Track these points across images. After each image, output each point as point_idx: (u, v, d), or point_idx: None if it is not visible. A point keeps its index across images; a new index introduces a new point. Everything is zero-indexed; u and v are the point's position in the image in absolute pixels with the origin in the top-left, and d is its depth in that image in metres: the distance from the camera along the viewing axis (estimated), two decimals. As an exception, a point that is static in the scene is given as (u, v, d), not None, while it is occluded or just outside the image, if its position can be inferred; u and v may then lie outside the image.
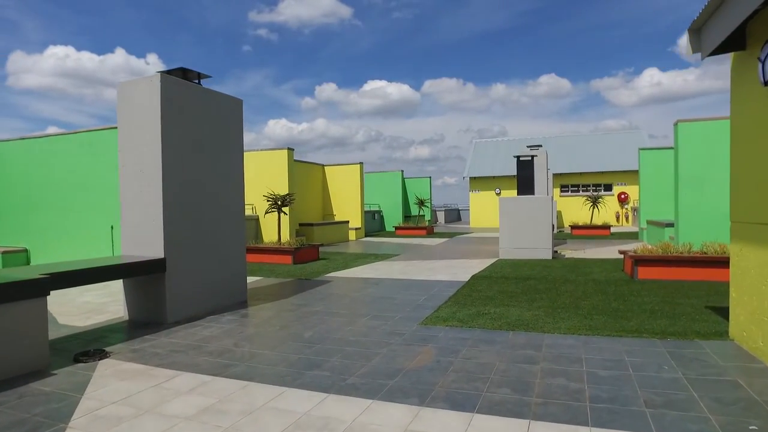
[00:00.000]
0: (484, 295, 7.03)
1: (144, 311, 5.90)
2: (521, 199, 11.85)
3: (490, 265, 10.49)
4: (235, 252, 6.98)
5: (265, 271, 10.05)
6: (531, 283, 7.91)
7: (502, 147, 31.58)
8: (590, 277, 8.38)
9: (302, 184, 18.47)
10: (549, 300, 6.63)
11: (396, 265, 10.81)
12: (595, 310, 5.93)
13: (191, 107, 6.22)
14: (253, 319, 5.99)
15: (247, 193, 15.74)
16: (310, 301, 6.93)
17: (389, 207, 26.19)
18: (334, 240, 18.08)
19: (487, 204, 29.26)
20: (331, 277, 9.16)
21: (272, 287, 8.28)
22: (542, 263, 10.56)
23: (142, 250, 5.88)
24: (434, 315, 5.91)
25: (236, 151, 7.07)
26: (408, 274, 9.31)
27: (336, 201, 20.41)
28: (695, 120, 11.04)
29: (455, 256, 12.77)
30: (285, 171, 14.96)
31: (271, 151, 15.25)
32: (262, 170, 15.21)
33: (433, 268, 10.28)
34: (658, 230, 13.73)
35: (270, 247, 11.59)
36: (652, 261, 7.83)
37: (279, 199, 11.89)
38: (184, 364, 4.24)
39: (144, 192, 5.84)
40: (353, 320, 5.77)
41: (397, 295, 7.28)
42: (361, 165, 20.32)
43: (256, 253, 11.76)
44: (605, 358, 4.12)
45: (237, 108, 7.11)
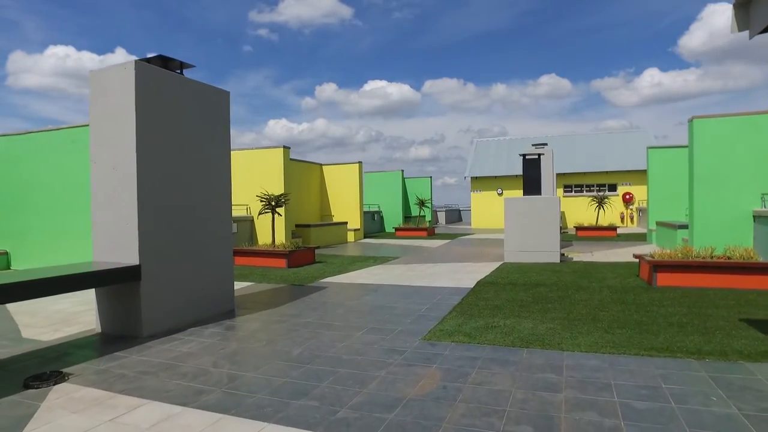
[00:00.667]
0: (492, 305, 6.46)
1: (117, 323, 5.34)
2: (527, 199, 11.29)
3: (496, 269, 9.93)
4: (221, 257, 6.42)
5: (257, 276, 9.48)
6: (542, 291, 7.34)
7: (503, 146, 31.02)
8: (605, 284, 7.81)
9: (299, 183, 17.91)
10: (563, 310, 6.06)
11: (396, 270, 10.25)
12: (615, 323, 5.36)
13: (171, 98, 5.65)
14: (238, 331, 5.42)
15: (241, 193, 15.23)
16: (302, 311, 6.37)
17: (389, 207, 25.63)
18: (332, 242, 17.51)
19: (489, 204, 28.71)
20: (327, 283, 8.59)
21: (263, 294, 7.71)
22: (551, 267, 9.99)
23: (115, 256, 5.31)
24: (438, 328, 5.34)
25: (222, 146, 6.51)
26: (408, 280, 8.73)
27: (334, 201, 19.84)
28: (711, 116, 10.47)
29: (458, 259, 12.20)
30: (280, 170, 14.40)
31: (266, 150, 14.68)
32: (256, 169, 14.64)
33: (435, 272, 9.71)
34: (669, 232, 13.17)
35: (263, 249, 11.02)
36: (673, 267, 7.27)
37: (273, 200, 11.33)
38: (152, 389, 3.67)
39: (117, 191, 5.28)
40: (348, 334, 5.20)
41: (397, 303, 6.71)
42: (360, 164, 19.75)
43: (249, 256, 11.19)
44: (638, 385, 3.55)
45: (223, 100, 6.55)
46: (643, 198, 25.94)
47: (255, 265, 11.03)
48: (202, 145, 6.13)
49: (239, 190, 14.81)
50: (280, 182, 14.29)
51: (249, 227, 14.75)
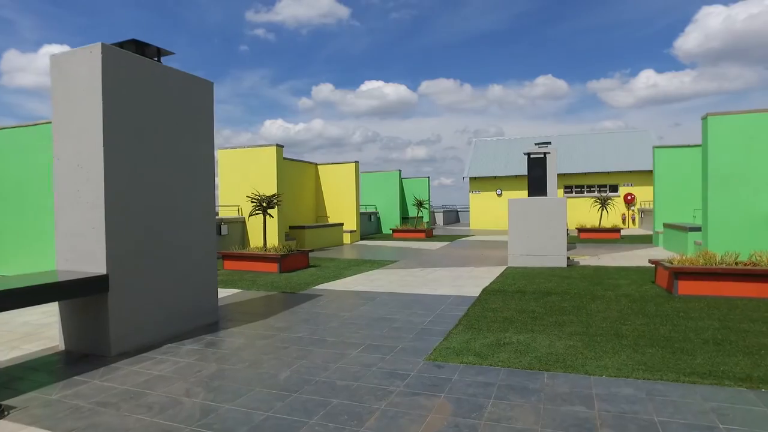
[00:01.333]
0: (501, 317, 5.88)
1: (83, 341, 4.73)
2: (533, 200, 10.73)
3: (500, 275, 9.36)
4: (203, 264, 5.82)
5: (246, 282, 8.87)
6: (554, 300, 6.77)
7: (502, 146, 30.49)
8: (620, 292, 7.25)
9: (293, 184, 17.31)
10: (581, 323, 5.49)
11: (394, 275, 9.66)
12: (642, 339, 4.79)
13: (145, 87, 5.05)
14: (220, 349, 4.82)
15: (233, 193, 14.62)
16: (293, 324, 5.77)
17: (386, 208, 25.04)
18: (327, 244, 16.91)
19: (488, 205, 28.18)
20: (321, 290, 7.99)
21: (251, 303, 7.11)
22: (558, 273, 9.43)
23: (79, 264, 4.71)
24: (444, 345, 4.75)
25: (205, 141, 5.91)
26: (408, 287, 8.15)
27: (330, 202, 19.25)
28: (727, 113, 9.94)
29: (459, 263, 11.63)
30: (273, 170, 13.79)
31: (258, 149, 14.07)
32: (249, 169, 14.03)
33: (436, 278, 9.13)
34: (679, 235, 12.63)
35: (254, 253, 10.42)
36: (695, 274, 6.71)
37: (264, 200, 10.73)
38: (108, 428, 3.07)
39: (82, 191, 4.67)
40: (343, 352, 4.62)
41: (397, 315, 6.12)
42: (356, 164, 19.16)
43: (239, 260, 10.58)
44: (689, 423, 2.98)
45: (206, 92, 5.95)
46: (645, 199, 25.46)
47: (245, 270, 10.42)
48: (182, 139, 5.53)
49: (231, 191, 14.22)
50: (273, 182, 13.68)
51: (240, 229, 14.14)
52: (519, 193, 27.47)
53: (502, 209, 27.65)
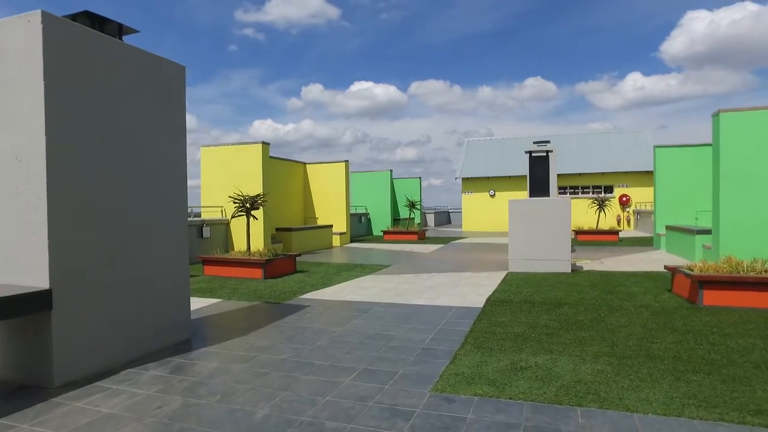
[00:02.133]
0: (513, 333, 5.20)
1: (21, 368, 3.96)
2: (535, 201, 10.09)
3: (502, 281, 8.69)
4: (172, 274, 5.06)
5: (226, 290, 8.11)
6: (567, 313, 6.11)
7: (495, 146, 29.95)
8: (638, 302, 6.61)
9: (280, 183, 16.53)
10: (603, 340, 4.83)
11: (388, 281, 8.95)
12: (680, 362, 4.14)
13: (102, 69, 4.29)
14: (188, 375, 4.08)
15: (216, 193, 13.79)
16: (276, 342, 5.04)
17: (377, 209, 24.33)
18: (316, 247, 16.16)
19: (481, 206, 27.61)
20: (308, 300, 7.26)
21: (230, 316, 6.36)
22: (564, 279, 8.79)
23: (17, 277, 3.94)
24: (451, 371, 4.06)
25: (175, 133, 5.16)
26: (404, 296, 7.44)
27: (318, 203, 18.49)
28: (740, 110, 9.40)
29: (457, 267, 10.96)
30: (259, 168, 13.02)
31: (242, 146, 13.29)
32: (233, 167, 13.24)
33: (434, 285, 8.43)
34: (685, 238, 12.09)
35: (236, 258, 9.64)
36: (723, 283, 6.09)
37: (247, 201, 9.96)
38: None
39: (21, 190, 3.90)
40: (333, 380, 3.90)
41: (394, 331, 5.42)
42: (346, 163, 18.44)
43: (220, 265, 9.80)
44: (781, 489, 2.31)
45: (177, 77, 5.20)
46: (640, 200, 25.06)
47: (227, 276, 9.65)
48: (148, 132, 4.78)
49: (214, 190, 13.41)
50: (259, 181, 12.90)
51: (224, 232, 13.34)
52: (512, 194, 26.92)
53: (496, 210, 27.12)
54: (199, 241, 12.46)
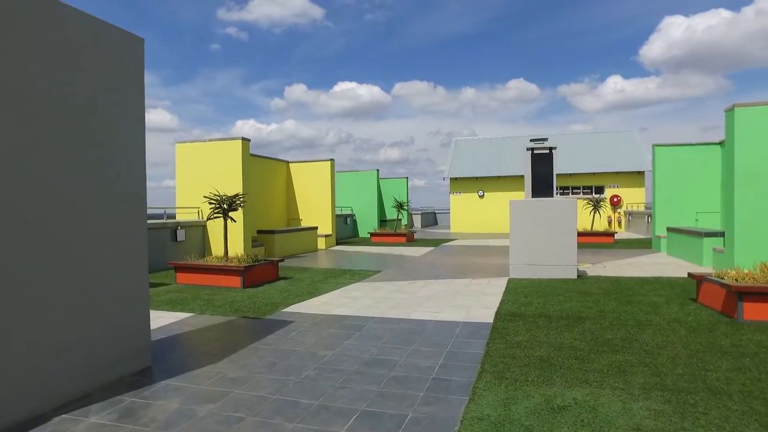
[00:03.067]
0: (535, 356, 4.41)
1: None
2: (538, 202, 9.36)
3: (507, 290, 7.92)
4: (127, 289, 4.16)
5: (200, 302, 7.19)
6: (591, 329, 5.34)
7: (484, 146, 29.33)
8: (665, 315, 5.88)
9: (262, 183, 15.59)
10: (646, 367, 4.06)
11: (380, 290, 8.12)
12: (755, 400, 3.38)
13: (25, 29, 3.38)
14: (139, 424, 3.19)
15: (193, 193, 12.72)
16: (253, 371, 4.17)
17: (363, 210, 23.48)
18: (300, 250, 15.24)
19: (470, 207, 26.94)
20: (292, 314, 6.38)
21: (201, 336, 5.45)
22: (573, 287, 8.06)
23: None
24: (473, 413, 3.24)
25: (130, 119, 4.25)
26: (401, 308, 6.62)
27: (303, 204, 17.57)
28: (756, 104, 8.79)
29: (453, 273, 10.17)
30: (238, 166, 12.07)
31: (221, 142, 12.32)
32: (210, 165, 12.27)
33: (432, 295, 7.62)
34: (690, 241, 11.48)
35: (212, 265, 8.70)
36: (765, 294, 5.38)
37: (225, 201, 9.02)
38: None
39: None
40: (324, 429, 3.05)
41: (395, 354, 4.58)
42: (331, 162, 17.55)
43: (194, 272, 8.85)
44: None
45: (133, 50, 4.29)
46: (630, 201, 24.66)
47: (202, 285, 8.70)
48: (93, 112, 3.87)
49: (190, 190, 12.42)
50: (239, 180, 11.97)
51: (201, 235, 12.36)
52: (502, 195, 26.32)
53: (485, 211, 26.49)
54: (173, 245, 11.48)
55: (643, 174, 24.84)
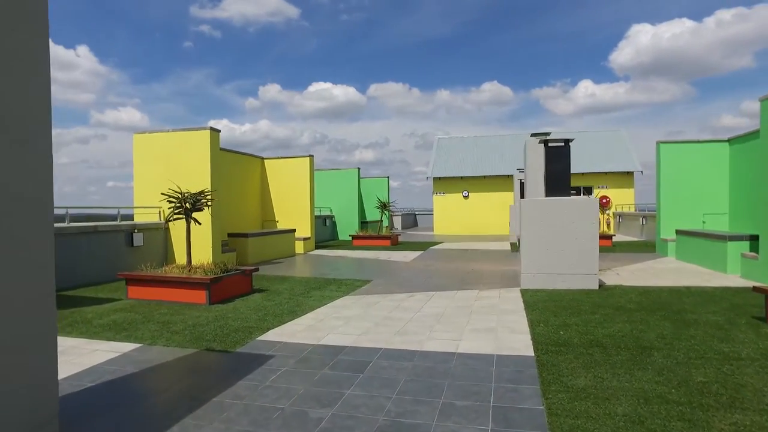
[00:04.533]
0: (618, 414, 3.13)
1: None
2: (554, 202, 8.16)
3: (527, 305, 6.68)
4: (14, 323, 2.71)
5: (153, 326, 5.70)
6: (667, 366, 4.10)
7: (468, 145, 28.26)
8: (749, 345, 4.69)
9: (234, 180, 14.04)
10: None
11: (377, 306, 6.76)
12: None
13: None
14: None
15: (154, 191, 11.04)
16: (217, 453, 2.76)
17: (343, 211, 22.05)
18: (276, 255, 13.75)
19: (455, 208, 25.80)
20: (271, 344, 4.97)
21: (145, 381, 4.00)
22: (601, 300, 6.87)
23: None
24: None
25: (27, 82, 2.79)
26: (410, 335, 5.27)
27: (279, 204, 16.06)
28: (799, 92, 7.79)
29: (454, 283, 8.88)
30: (206, 161, 10.55)
31: (186, 132, 10.77)
32: (174, 159, 10.71)
33: (441, 313, 6.31)
34: (708, 245, 10.48)
35: (171, 276, 7.19)
36: None
37: (187, 200, 7.51)
38: None
39: None
40: None
41: (421, 415, 3.23)
42: (310, 158, 16.10)
43: (149, 285, 7.32)
44: None
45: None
46: (619, 202, 23.92)
47: (159, 300, 7.19)
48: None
49: (150, 187, 10.80)
50: (206, 176, 10.45)
51: (162, 239, 10.77)
52: (488, 195, 25.29)
53: (470, 212, 25.39)
54: (129, 252, 9.87)
55: (632, 174, 24.15)
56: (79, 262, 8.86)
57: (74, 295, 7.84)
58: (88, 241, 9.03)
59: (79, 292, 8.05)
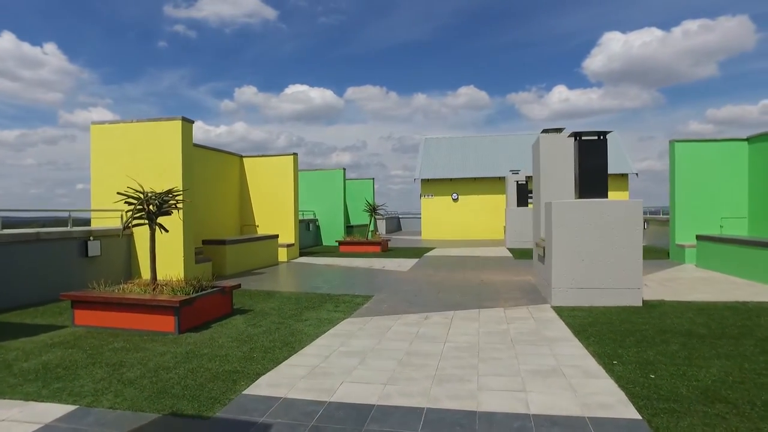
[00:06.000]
0: None
1: None
2: (591, 205, 6.97)
3: (574, 329, 5.43)
4: None
5: (99, 372, 4.23)
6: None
7: (457, 145, 27.16)
8: None
9: (209, 180, 12.51)
10: None
11: (392, 335, 5.42)
12: None
13: None
14: None
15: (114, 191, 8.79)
16: None
17: (327, 215, 20.59)
18: (258, 264, 12.26)
19: (443, 211, 24.62)
20: (263, 402, 3.57)
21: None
22: (661, 323, 5.68)
23: None
24: None
25: None
26: (453, 384, 3.94)
27: (260, 206, 14.56)
28: None
29: (470, 299, 7.60)
30: (177, 156, 9.04)
31: (154, 123, 9.24)
32: (140, 154, 9.17)
33: (476, 344, 4.99)
34: (744, 252, 9.45)
35: (129, 298, 5.69)
36: None
37: (152, 201, 6.03)
38: None
39: None
40: None
41: None
42: (294, 156, 14.66)
43: (102, 308, 5.80)
44: None
45: None
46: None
47: (117, 327, 5.69)
48: None
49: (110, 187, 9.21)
50: (177, 174, 8.95)
51: (125, 248, 9.19)
52: (478, 198, 24.19)
53: (460, 216, 24.22)
54: (83, 264, 8.28)
55: (627, 177, 23.39)
56: (15, 277, 7.19)
57: (1, 321, 6.25)
58: (28, 252, 7.39)
59: (10, 317, 6.43)
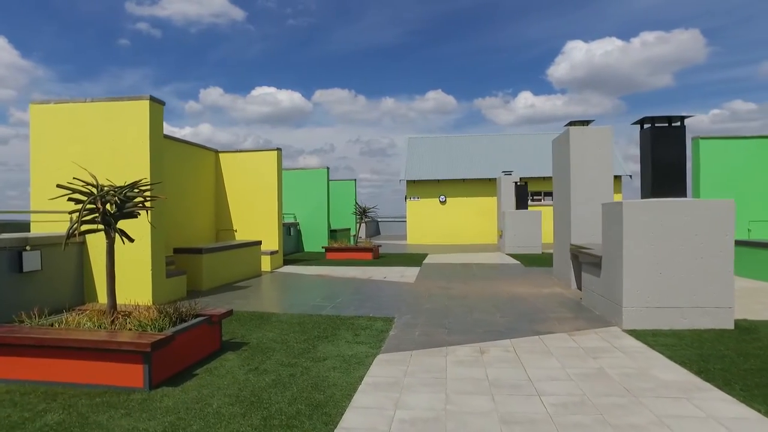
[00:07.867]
0: None
1: None
2: (670, 206, 5.65)
3: (695, 369, 4.07)
4: None
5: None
6: None
7: (442, 145, 25.90)
8: None
9: (181, 179, 10.71)
10: None
11: (457, 385, 3.91)
12: None
13: None
14: None
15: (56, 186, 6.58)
16: None
17: (309, 218, 18.87)
18: (238, 276, 10.50)
19: (430, 214, 23.28)
20: None
21: None
22: (797, 359, 4.37)
23: None
24: None
25: None
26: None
27: (238, 209, 12.77)
28: None
29: (516, 322, 6.17)
30: (144, 146, 7.29)
31: (114, 103, 7.44)
32: (94, 142, 7.37)
33: (582, 396, 3.56)
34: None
35: (75, 340, 3.97)
36: None
37: (109, 198, 4.34)
38: None
39: None
40: None
41: None
42: (278, 152, 12.95)
43: (35, 354, 4.06)
44: None
45: None
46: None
47: (55, 382, 3.96)
48: None
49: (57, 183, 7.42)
50: (145, 166, 7.19)
51: (76, 260, 7.34)
52: (468, 200, 22.94)
53: (448, 219, 22.91)
54: (14, 281, 6.38)
55: (620, 179, 22.62)
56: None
57: None
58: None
59: None
